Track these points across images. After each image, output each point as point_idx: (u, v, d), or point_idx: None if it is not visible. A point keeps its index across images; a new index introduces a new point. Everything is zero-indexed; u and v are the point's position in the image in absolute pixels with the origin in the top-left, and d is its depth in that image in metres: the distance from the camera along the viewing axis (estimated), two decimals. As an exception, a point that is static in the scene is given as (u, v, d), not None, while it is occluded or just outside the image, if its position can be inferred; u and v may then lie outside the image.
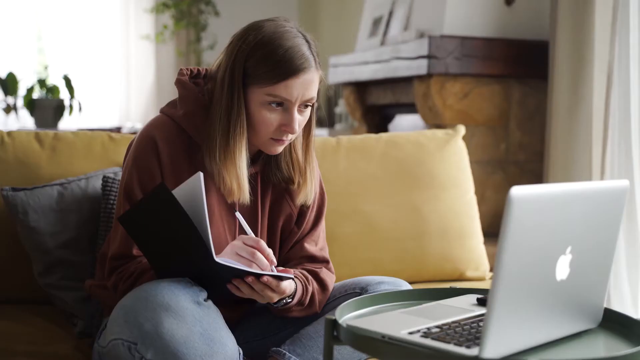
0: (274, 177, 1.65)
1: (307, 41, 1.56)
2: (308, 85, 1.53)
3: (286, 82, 1.51)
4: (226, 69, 1.54)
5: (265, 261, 1.47)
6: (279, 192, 1.68)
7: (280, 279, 1.47)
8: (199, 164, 1.57)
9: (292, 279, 1.52)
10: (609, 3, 2.88)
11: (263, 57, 1.51)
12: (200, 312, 1.41)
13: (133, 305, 1.40)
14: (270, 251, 1.49)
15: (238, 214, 1.54)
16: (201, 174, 1.41)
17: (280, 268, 1.56)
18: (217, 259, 1.40)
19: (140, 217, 1.43)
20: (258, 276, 1.44)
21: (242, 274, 1.44)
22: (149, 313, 1.38)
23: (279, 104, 1.54)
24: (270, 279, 1.45)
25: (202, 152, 1.57)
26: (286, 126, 1.54)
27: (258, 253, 1.47)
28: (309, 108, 1.58)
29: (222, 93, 1.54)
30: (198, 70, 1.66)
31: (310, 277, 1.64)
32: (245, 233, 1.55)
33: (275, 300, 1.50)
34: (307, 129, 1.64)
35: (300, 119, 1.56)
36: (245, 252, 1.47)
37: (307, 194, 1.67)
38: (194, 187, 1.41)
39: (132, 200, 1.56)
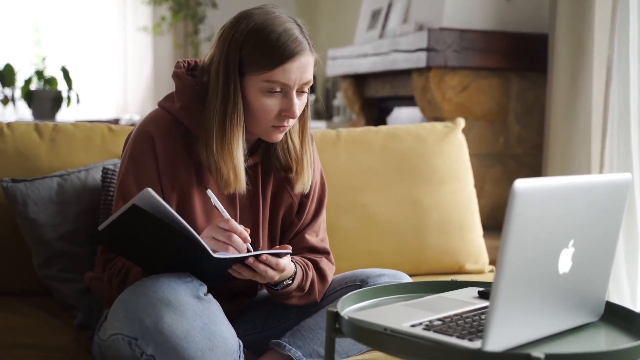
0: (273, 165, 1.65)
1: (298, 25, 1.55)
2: (304, 68, 1.53)
3: (283, 67, 1.51)
4: (220, 59, 1.53)
5: (241, 243, 1.47)
6: (280, 183, 1.68)
7: (279, 255, 1.48)
8: (196, 156, 1.57)
9: (290, 254, 1.52)
10: (609, -4, 2.88)
11: (257, 44, 1.51)
12: (200, 307, 1.41)
13: (133, 300, 1.40)
14: (243, 229, 1.48)
15: (209, 192, 1.53)
16: (149, 190, 1.35)
17: (277, 246, 1.56)
18: (215, 254, 1.40)
19: (118, 232, 1.40)
20: (257, 256, 1.44)
21: (241, 260, 1.44)
22: (149, 308, 1.38)
23: (278, 90, 1.53)
24: (269, 256, 1.45)
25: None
26: (286, 111, 1.54)
27: (234, 236, 1.47)
28: (306, 92, 1.58)
29: (218, 84, 1.53)
30: (195, 62, 1.65)
31: (310, 264, 1.65)
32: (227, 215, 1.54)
33: (276, 278, 1.51)
34: (302, 116, 1.63)
35: (299, 103, 1.56)
36: (222, 236, 1.47)
37: (305, 182, 1.66)
38: (150, 202, 1.35)
39: (126, 197, 1.55)
